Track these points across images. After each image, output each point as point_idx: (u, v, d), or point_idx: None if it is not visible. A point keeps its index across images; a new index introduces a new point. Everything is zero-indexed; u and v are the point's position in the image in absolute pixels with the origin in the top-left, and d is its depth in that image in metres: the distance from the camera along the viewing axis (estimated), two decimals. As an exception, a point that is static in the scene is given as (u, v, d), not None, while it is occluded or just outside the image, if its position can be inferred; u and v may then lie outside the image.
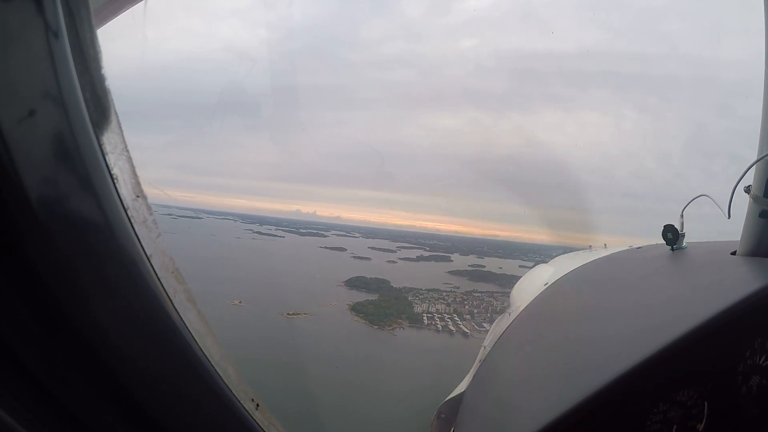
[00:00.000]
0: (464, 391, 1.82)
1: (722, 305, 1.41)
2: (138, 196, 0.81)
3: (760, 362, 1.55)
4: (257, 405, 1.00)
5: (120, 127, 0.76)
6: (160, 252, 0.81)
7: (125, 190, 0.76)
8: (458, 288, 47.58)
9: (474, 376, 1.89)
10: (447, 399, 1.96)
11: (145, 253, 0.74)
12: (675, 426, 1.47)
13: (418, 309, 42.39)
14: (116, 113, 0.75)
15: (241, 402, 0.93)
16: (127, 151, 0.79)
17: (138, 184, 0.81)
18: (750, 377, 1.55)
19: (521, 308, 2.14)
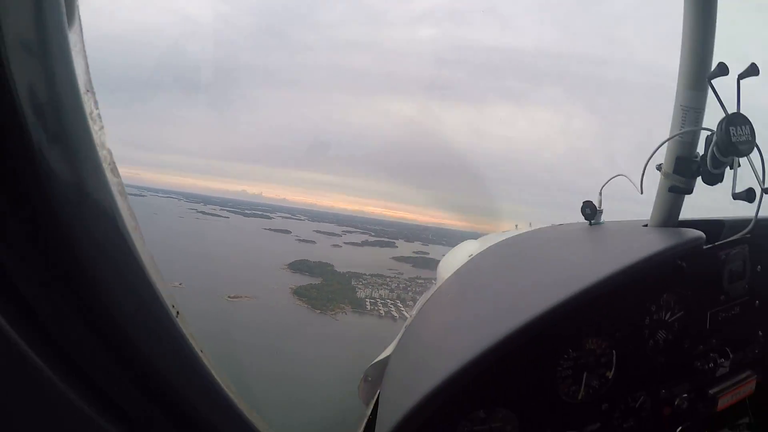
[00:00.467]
0: (389, 355, 1.85)
1: (628, 262, 1.49)
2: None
3: (666, 318, 1.64)
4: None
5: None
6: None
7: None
8: (402, 274, 47.97)
9: (399, 340, 1.92)
10: (373, 362, 1.98)
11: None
12: (586, 372, 1.54)
13: (361, 294, 42.47)
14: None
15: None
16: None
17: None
18: (656, 331, 1.64)
19: (445, 278, 2.22)
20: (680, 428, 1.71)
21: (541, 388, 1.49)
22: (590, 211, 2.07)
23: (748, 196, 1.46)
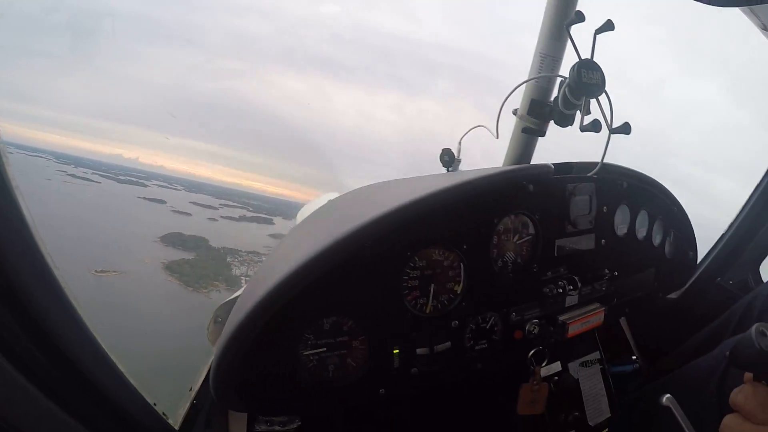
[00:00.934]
0: (239, 294, 1.77)
1: (473, 177, 1.53)
2: None
3: (514, 240, 1.71)
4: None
5: None
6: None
7: None
8: (279, 252, 46.96)
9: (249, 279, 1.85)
10: (223, 302, 1.89)
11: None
12: (433, 284, 1.55)
13: (236, 272, 41.11)
14: None
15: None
16: None
17: None
18: (504, 252, 1.70)
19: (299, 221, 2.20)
20: (532, 352, 1.79)
21: (388, 299, 1.47)
22: (448, 158, 2.13)
23: (594, 126, 1.54)
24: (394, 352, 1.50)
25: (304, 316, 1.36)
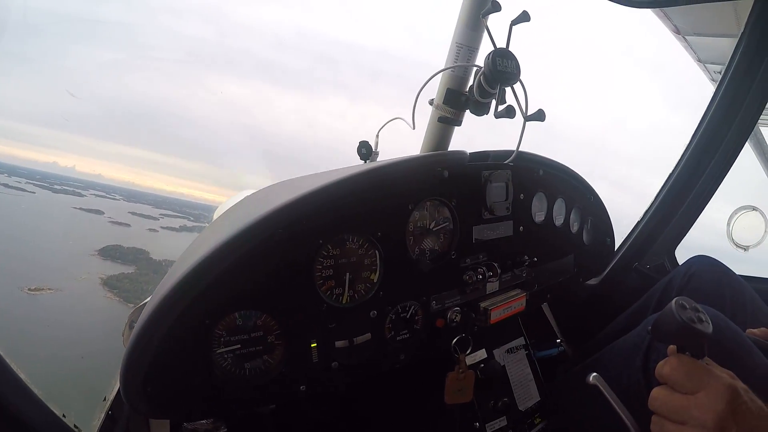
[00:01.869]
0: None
1: (386, 163, 1.53)
2: None
3: (431, 226, 1.70)
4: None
5: None
6: None
7: None
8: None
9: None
10: (137, 306, 1.79)
11: None
12: (348, 273, 1.52)
13: (180, 285, 39.87)
14: None
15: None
16: None
17: None
18: (422, 239, 1.68)
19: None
20: (455, 340, 1.78)
21: (303, 290, 1.41)
22: (366, 150, 2.12)
23: (508, 113, 1.54)
24: (312, 345, 1.45)
25: (213, 312, 1.27)
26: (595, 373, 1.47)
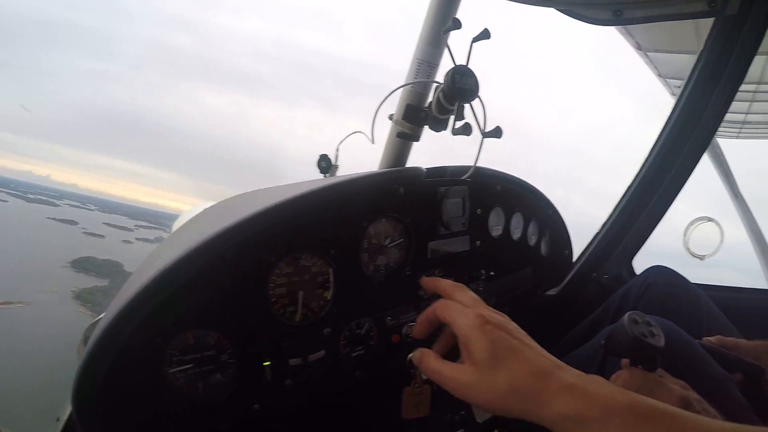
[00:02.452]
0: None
1: (341, 180, 1.52)
2: None
3: (386, 243, 1.70)
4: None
5: None
6: None
7: None
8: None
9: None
10: (93, 322, 1.75)
11: None
12: (301, 291, 1.51)
13: (155, 299, 39.15)
14: None
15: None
16: None
17: None
18: (376, 256, 1.68)
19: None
20: (411, 355, 1.78)
21: (255, 309, 1.40)
22: (325, 164, 2.12)
23: (465, 130, 1.55)
24: (265, 364, 1.43)
25: (164, 332, 1.24)
26: None
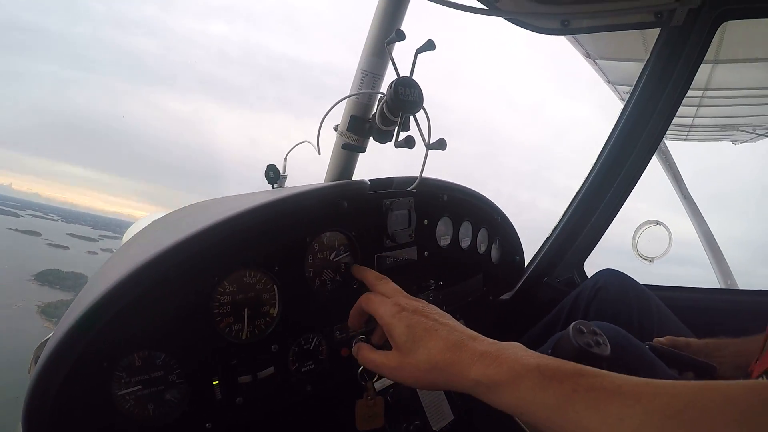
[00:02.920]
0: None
1: (282, 196, 1.50)
2: None
3: (331, 258, 1.69)
4: None
5: None
6: None
7: None
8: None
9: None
10: (43, 341, 1.70)
11: None
12: (247, 309, 1.49)
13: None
14: None
15: None
16: None
17: None
18: (322, 271, 1.67)
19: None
20: (362, 368, 1.78)
21: (200, 328, 1.37)
22: (273, 174, 2.10)
23: (408, 143, 1.55)
24: (214, 383, 1.41)
25: (110, 354, 1.21)
26: None
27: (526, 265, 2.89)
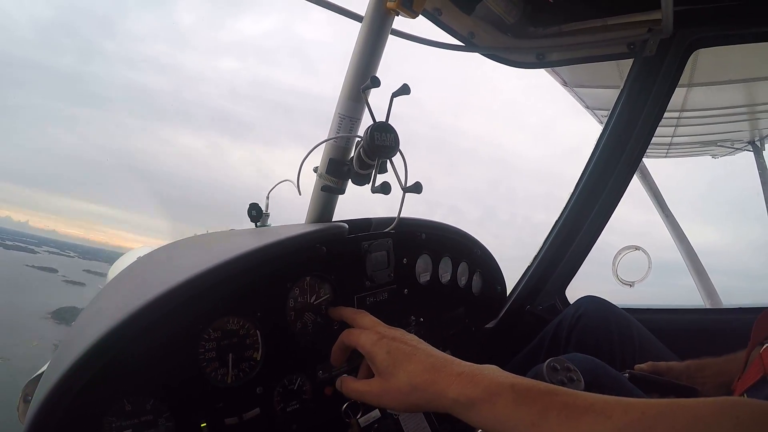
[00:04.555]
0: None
1: (264, 243, 1.52)
2: None
3: (311, 301, 1.71)
4: None
5: None
6: None
7: None
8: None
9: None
10: (31, 378, 1.71)
11: None
12: (231, 354, 1.50)
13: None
14: None
15: None
16: None
17: None
18: (303, 314, 1.69)
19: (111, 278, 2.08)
20: (345, 405, 1.78)
21: (188, 373, 1.39)
22: (256, 213, 2.12)
23: (384, 189, 1.56)
24: (202, 426, 1.42)
25: (100, 401, 1.23)
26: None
27: (508, 294, 2.89)
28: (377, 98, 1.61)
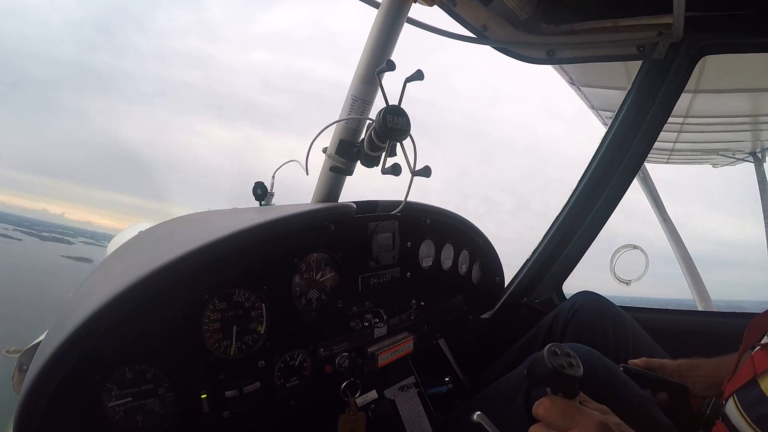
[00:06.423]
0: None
1: (272, 218, 1.52)
2: None
3: (317, 277, 1.70)
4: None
5: None
6: None
7: None
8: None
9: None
10: (27, 348, 1.69)
11: None
12: (235, 326, 1.50)
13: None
14: None
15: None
16: None
17: None
18: (308, 290, 1.67)
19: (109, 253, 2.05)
20: (345, 384, 1.77)
21: (190, 344, 1.38)
22: (261, 191, 2.10)
23: (395, 170, 1.53)
24: (202, 397, 1.41)
25: (102, 367, 1.22)
26: (479, 412, 1.48)
27: (506, 285, 2.89)
28: (389, 84, 1.59)
